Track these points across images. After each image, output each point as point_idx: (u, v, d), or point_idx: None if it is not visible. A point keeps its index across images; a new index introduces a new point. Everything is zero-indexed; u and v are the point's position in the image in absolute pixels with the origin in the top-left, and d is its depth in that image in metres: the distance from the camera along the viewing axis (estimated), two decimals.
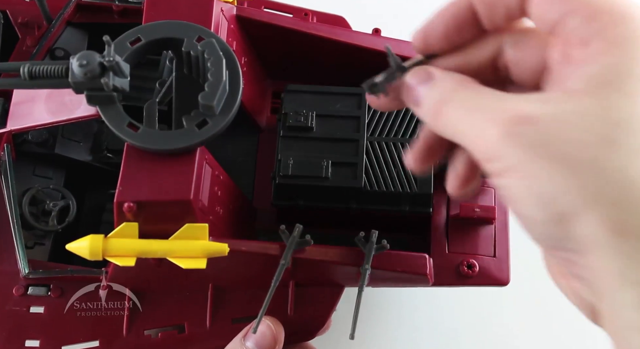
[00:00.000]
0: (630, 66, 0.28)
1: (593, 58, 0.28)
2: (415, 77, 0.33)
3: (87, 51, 0.37)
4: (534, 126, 0.28)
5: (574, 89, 0.28)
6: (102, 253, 0.39)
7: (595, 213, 0.27)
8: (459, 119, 0.30)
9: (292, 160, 0.45)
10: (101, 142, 0.52)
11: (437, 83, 0.32)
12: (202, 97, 0.38)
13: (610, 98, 0.27)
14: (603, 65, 0.28)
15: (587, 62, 0.28)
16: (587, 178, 0.27)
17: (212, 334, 0.46)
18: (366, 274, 0.43)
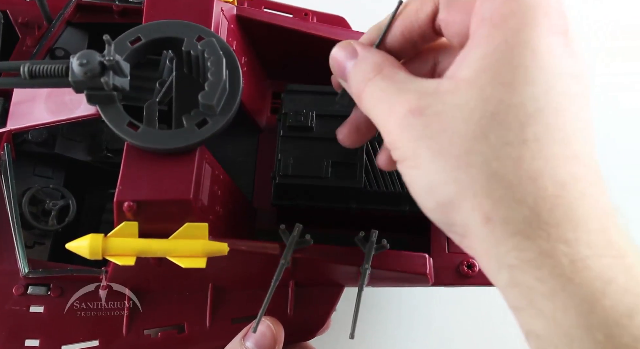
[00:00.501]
0: (508, 51, 0.28)
1: (479, 43, 0.29)
2: (342, 50, 0.35)
3: (87, 50, 0.37)
4: (421, 118, 0.29)
5: (461, 78, 0.29)
6: (102, 252, 0.39)
7: (468, 203, 0.28)
8: (374, 106, 0.32)
9: (292, 160, 0.45)
10: (101, 141, 0.52)
11: (359, 64, 0.33)
12: (202, 96, 0.38)
13: (487, 89, 0.28)
14: (485, 51, 0.29)
15: (476, 45, 0.29)
16: (461, 170, 0.28)
17: (212, 334, 0.46)
18: (366, 274, 0.43)
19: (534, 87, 0.28)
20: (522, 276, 0.28)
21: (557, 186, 0.28)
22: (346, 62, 0.35)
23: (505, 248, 0.28)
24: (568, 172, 0.28)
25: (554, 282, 0.27)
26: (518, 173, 0.28)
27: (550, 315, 0.27)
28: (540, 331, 0.28)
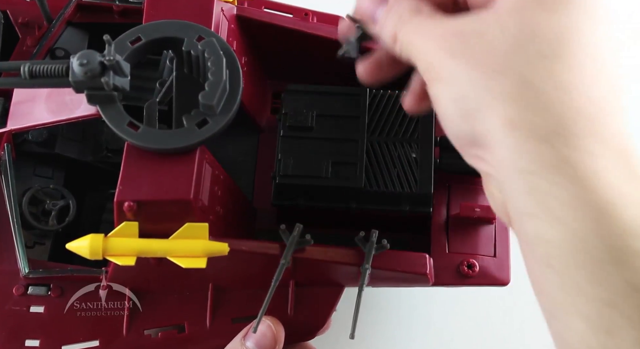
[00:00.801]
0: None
1: None
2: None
3: (88, 50, 0.37)
4: (459, 38, 0.31)
5: (501, 7, 0.31)
6: (102, 252, 0.39)
7: (495, 110, 0.30)
8: (411, 42, 0.34)
9: (292, 160, 0.45)
10: (101, 141, 0.52)
11: (392, 9, 0.35)
12: (203, 96, 0.39)
13: (528, 13, 0.30)
14: None
15: None
16: (492, 79, 0.30)
17: (212, 334, 0.46)
18: (366, 273, 0.43)
19: (573, 10, 0.30)
20: (540, 181, 0.28)
21: (587, 100, 0.29)
22: (376, 8, 0.36)
23: (526, 154, 0.29)
24: (598, 89, 0.29)
25: (574, 189, 0.28)
26: (549, 83, 0.29)
27: (565, 221, 0.28)
28: (552, 236, 0.28)
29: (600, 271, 0.27)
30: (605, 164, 0.28)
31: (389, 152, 0.46)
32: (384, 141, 0.46)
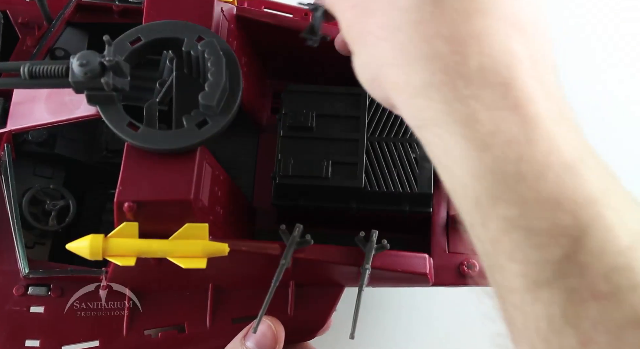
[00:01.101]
0: None
1: None
2: None
3: (87, 51, 0.37)
4: (347, 21, 0.33)
5: None
6: (102, 252, 0.39)
7: (389, 74, 0.31)
8: (333, 4, 0.35)
9: (292, 160, 0.45)
10: (101, 142, 0.52)
11: None
12: (203, 96, 0.38)
13: None
14: None
15: None
16: (382, 50, 0.31)
17: (212, 334, 0.46)
18: (366, 274, 0.43)
19: None
20: (427, 134, 0.30)
21: (492, 58, 0.28)
22: None
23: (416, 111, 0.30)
24: (506, 37, 0.29)
25: (463, 142, 0.28)
26: (457, 30, 0.29)
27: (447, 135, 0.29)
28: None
29: None
30: (491, 104, 0.28)
31: (389, 152, 0.46)
32: (384, 141, 0.46)
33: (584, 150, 0.28)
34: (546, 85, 0.29)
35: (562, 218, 0.27)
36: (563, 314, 0.26)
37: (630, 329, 0.25)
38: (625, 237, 0.26)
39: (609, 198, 0.27)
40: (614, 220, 0.26)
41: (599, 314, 0.26)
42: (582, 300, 0.26)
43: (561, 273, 0.26)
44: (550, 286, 0.27)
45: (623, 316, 0.26)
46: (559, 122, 0.28)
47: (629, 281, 0.26)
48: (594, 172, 0.27)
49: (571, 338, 0.26)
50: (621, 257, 0.26)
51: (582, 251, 0.26)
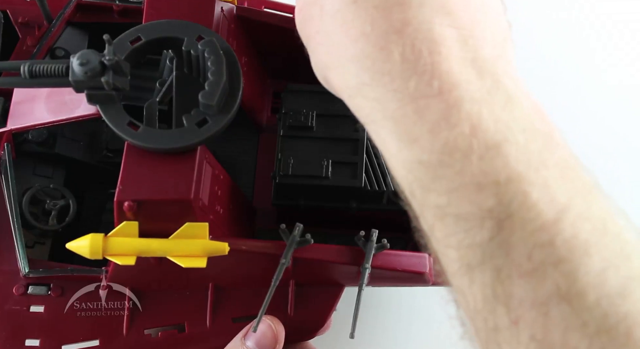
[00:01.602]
0: None
1: None
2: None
3: (88, 50, 0.37)
4: (297, 26, 0.34)
5: None
6: (103, 252, 0.39)
7: (331, 76, 0.32)
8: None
9: (292, 160, 0.45)
10: (101, 141, 0.52)
11: None
12: (203, 96, 0.39)
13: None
14: None
15: None
16: (322, 54, 0.32)
17: (213, 333, 0.46)
18: (366, 273, 0.43)
19: None
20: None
21: (421, 38, 0.29)
22: None
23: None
24: (430, 24, 0.29)
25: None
26: (378, 26, 0.29)
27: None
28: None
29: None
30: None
31: None
32: None
33: (514, 126, 0.28)
34: (479, 64, 0.29)
35: (485, 201, 0.27)
36: (494, 294, 0.27)
37: (555, 304, 0.26)
38: (549, 212, 0.26)
39: (536, 173, 0.27)
40: (538, 195, 0.27)
41: (525, 291, 0.26)
42: (509, 279, 0.27)
43: (489, 255, 0.27)
44: (481, 268, 0.27)
45: (546, 291, 0.26)
46: (487, 101, 0.28)
47: (550, 257, 0.26)
48: (521, 147, 0.27)
49: (504, 317, 0.27)
50: (544, 234, 0.26)
51: (505, 231, 0.27)
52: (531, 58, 0.69)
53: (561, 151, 0.28)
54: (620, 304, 0.25)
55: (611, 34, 0.72)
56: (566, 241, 0.26)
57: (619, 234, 0.27)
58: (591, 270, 0.26)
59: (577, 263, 0.26)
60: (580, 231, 0.26)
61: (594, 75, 0.70)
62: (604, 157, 0.66)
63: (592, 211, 0.27)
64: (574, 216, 0.27)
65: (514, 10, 0.36)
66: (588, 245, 0.26)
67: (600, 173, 0.29)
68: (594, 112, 0.68)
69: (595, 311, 0.25)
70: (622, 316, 0.25)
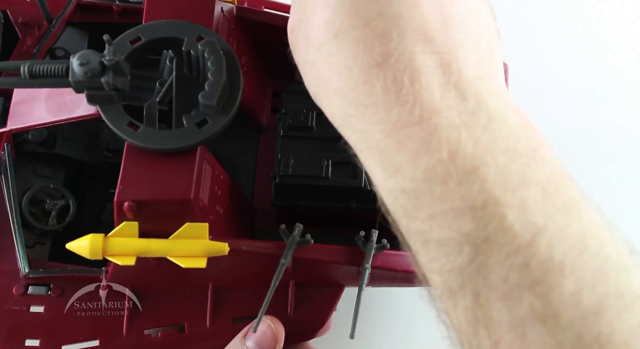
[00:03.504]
0: None
1: None
2: None
3: (88, 50, 0.37)
4: (297, 24, 0.35)
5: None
6: (103, 252, 0.39)
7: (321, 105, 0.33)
8: None
9: (292, 160, 0.45)
10: (101, 141, 0.52)
11: None
12: (203, 96, 0.39)
13: None
14: None
15: None
16: (310, 84, 0.33)
17: (212, 333, 0.46)
18: (366, 273, 0.43)
19: None
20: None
21: (403, 69, 0.29)
22: None
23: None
24: (412, 54, 0.29)
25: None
26: (360, 60, 0.29)
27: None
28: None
29: None
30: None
31: None
32: None
33: (494, 147, 0.28)
34: (462, 86, 0.29)
35: (463, 226, 0.27)
36: (475, 317, 0.27)
37: (530, 325, 0.26)
38: (525, 234, 0.27)
39: (513, 194, 0.27)
40: (514, 218, 0.27)
41: (502, 314, 0.27)
42: (487, 302, 0.27)
43: (468, 279, 0.27)
44: (462, 292, 0.28)
45: (522, 313, 0.26)
46: (467, 125, 0.28)
47: (525, 279, 0.26)
48: (500, 169, 0.27)
49: (485, 339, 0.27)
50: (519, 256, 0.27)
51: (482, 255, 0.27)
52: (532, 58, 0.69)
53: (546, 167, 0.28)
54: (593, 324, 0.26)
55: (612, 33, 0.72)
56: (541, 262, 0.26)
57: (599, 250, 0.27)
58: (565, 290, 0.26)
59: (551, 284, 0.26)
60: (556, 251, 0.27)
61: (594, 74, 0.70)
62: (605, 155, 0.66)
63: (572, 229, 0.27)
64: (550, 237, 0.27)
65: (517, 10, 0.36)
66: (563, 266, 0.26)
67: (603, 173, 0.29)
68: (598, 111, 0.68)
69: (569, 332, 0.26)
70: (595, 336, 0.26)
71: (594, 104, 0.69)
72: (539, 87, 0.68)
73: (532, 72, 0.68)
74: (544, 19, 0.72)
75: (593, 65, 0.70)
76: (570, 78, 0.70)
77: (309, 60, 0.32)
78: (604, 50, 0.71)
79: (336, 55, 0.30)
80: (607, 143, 0.67)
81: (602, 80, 0.70)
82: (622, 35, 0.72)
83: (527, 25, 0.71)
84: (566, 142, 0.65)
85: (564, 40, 0.71)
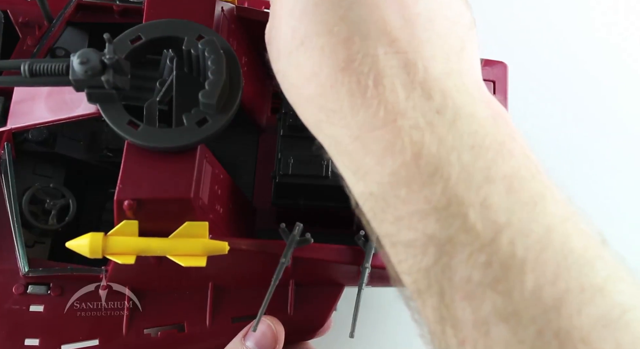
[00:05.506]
0: None
1: None
2: None
3: (88, 49, 0.37)
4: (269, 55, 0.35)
5: None
6: (102, 250, 0.39)
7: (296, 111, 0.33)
8: None
9: (292, 159, 0.45)
10: (101, 141, 0.52)
11: None
12: (203, 95, 0.39)
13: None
14: None
15: None
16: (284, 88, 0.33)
17: (212, 333, 0.46)
18: (366, 272, 0.43)
19: None
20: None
21: (366, 72, 0.29)
22: None
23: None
24: (378, 58, 0.29)
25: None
26: (322, 70, 0.30)
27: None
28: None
29: None
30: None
31: None
32: None
33: (458, 146, 0.28)
34: (429, 85, 0.29)
35: (427, 227, 0.27)
36: (441, 316, 0.28)
37: (493, 324, 0.26)
38: (487, 233, 0.27)
39: (476, 192, 0.27)
40: (476, 217, 0.27)
41: (466, 313, 0.27)
42: (452, 302, 0.27)
43: (434, 279, 0.28)
44: (429, 292, 0.28)
45: (485, 312, 0.27)
46: (432, 125, 0.28)
47: (487, 278, 0.27)
48: (463, 168, 0.28)
49: (452, 338, 0.28)
50: (482, 255, 0.27)
51: (446, 256, 0.27)
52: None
53: (512, 161, 0.28)
54: (554, 320, 0.26)
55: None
56: (503, 261, 0.26)
57: (563, 245, 0.27)
58: (526, 288, 0.26)
59: (512, 282, 0.26)
60: (518, 248, 0.27)
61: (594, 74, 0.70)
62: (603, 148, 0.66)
63: (536, 225, 0.27)
64: (512, 234, 0.27)
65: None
66: (524, 263, 0.26)
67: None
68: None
69: (530, 329, 0.26)
70: (555, 332, 0.26)
71: (594, 104, 0.69)
72: (538, 86, 0.68)
73: (532, 72, 0.68)
74: (544, 18, 0.72)
75: (593, 65, 0.70)
76: (571, 78, 0.70)
77: (280, 70, 0.33)
78: (605, 48, 0.71)
79: (304, 62, 0.30)
80: (607, 143, 0.67)
81: (603, 79, 0.70)
82: (622, 35, 0.72)
83: (527, 24, 0.71)
84: (566, 141, 0.65)
85: (565, 38, 0.71)
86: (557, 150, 0.62)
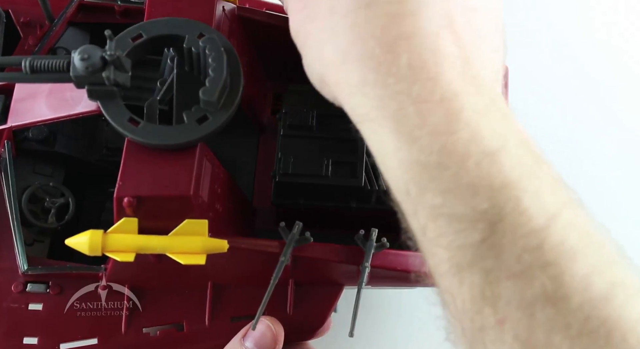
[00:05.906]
0: None
1: None
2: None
3: (89, 45, 0.37)
4: (295, 24, 0.36)
5: None
6: (102, 248, 0.39)
7: (331, 74, 0.33)
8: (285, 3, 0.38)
9: (292, 159, 0.45)
10: (101, 140, 0.52)
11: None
12: (203, 92, 0.39)
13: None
14: None
15: None
16: (324, 52, 0.33)
17: (211, 332, 0.46)
18: (365, 272, 0.43)
19: None
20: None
21: (428, 48, 0.30)
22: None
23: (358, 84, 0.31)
24: (437, 38, 0.30)
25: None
26: (388, 32, 0.30)
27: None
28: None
29: None
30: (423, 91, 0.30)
31: None
32: None
33: (510, 139, 0.29)
34: (478, 82, 0.30)
35: (479, 203, 0.28)
36: (482, 295, 0.28)
37: (540, 306, 0.27)
38: (539, 218, 0.28)
39: (528, 181, 0.28)
40: (530, 202, 0.28)
41: (512, 293, 0.27)
42: (497, 280, 0.28)
43: (479, 256, 0.28)
44: (470, 269, 0.28)
45: (533, 293, 0.27)
46: (485, 114, 0.29)
47: (538, 260, 0.27)
48: (515, 158, 0.29)
49: (490, 317, 0.28)
50: (533, 238, 0.27)
51: (497, 234, 0.28)
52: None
53: (549, 169, 0.30)
54: (602, 308, 0.27)
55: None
56: (554, 246, 0.27)
57: (603, 244, 0.29)
58: (576, 274, 0.27)
59: (563, 267, 0.27)
60: (568, 238, 0.28)
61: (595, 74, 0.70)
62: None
63: (579, 222, 0.29)
64: (562, 224, 0.28)
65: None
66: (575, 251, 0.27)
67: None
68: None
69: (579, 314, 0.27)
70: (603, 320, 0.27)
71: (594, 105, 0.69)
72: (539, 87, 0.68)
73: (533, 73, 0.68)
74: (545, 19, 0.72)
75: (593, 66, 0.71)
76: (570, 79, 0.70)
77: (328, 28, 0.32)
78: (606, 48, 0.71)
79: (364, 24, 0.31)
80: (607, 143, 0.67)
81: (604, 80, 0.70)
82: (622, 35, 0.72)
83: (527, 24, 0.71)
84: (566, 142, 0.65)
85: (565, 39, 0.71)
86: (557, 151, 0.62)
